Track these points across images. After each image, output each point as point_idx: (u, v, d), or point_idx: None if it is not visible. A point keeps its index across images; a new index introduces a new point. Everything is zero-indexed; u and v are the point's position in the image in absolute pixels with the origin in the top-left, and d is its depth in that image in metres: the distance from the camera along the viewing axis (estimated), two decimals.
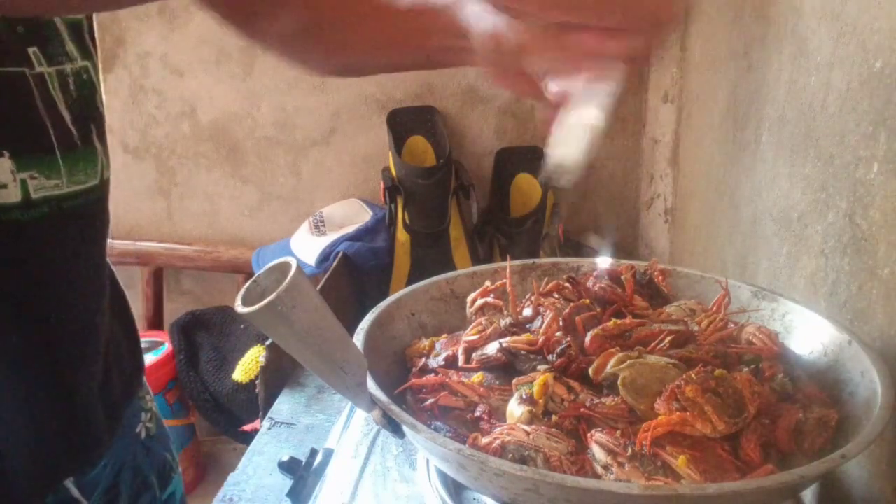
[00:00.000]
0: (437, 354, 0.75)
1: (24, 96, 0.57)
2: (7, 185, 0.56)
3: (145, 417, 0.79)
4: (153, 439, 0.80)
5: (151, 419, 0.80)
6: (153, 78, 1.92)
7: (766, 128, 1.06)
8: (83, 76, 0.62)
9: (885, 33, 0.73)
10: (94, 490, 0.69)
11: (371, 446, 0.80)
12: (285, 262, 0.52)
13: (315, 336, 0.55)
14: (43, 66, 0.58)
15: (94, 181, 0.63)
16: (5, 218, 0.56)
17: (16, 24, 0.57)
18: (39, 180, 0.58)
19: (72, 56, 0.61)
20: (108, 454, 0.71)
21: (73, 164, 0.60)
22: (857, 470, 0.77)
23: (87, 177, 0.62)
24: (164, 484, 0.81)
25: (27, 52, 0.57)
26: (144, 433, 0.79)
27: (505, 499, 0.58)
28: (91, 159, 0.63)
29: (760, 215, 1.07)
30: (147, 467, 0.78)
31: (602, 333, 0.70)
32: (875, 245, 0.75)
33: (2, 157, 0.55)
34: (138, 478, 0.76)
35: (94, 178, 0.63)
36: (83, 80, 0.62)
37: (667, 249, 1.68)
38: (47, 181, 0.58)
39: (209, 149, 1.97)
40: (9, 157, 0.55)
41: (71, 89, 0.61)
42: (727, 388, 0.61)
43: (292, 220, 1.93)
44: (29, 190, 0.57)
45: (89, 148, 0.63)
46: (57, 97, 0.59)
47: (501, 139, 1.87)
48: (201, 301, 2.09)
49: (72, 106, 0.60)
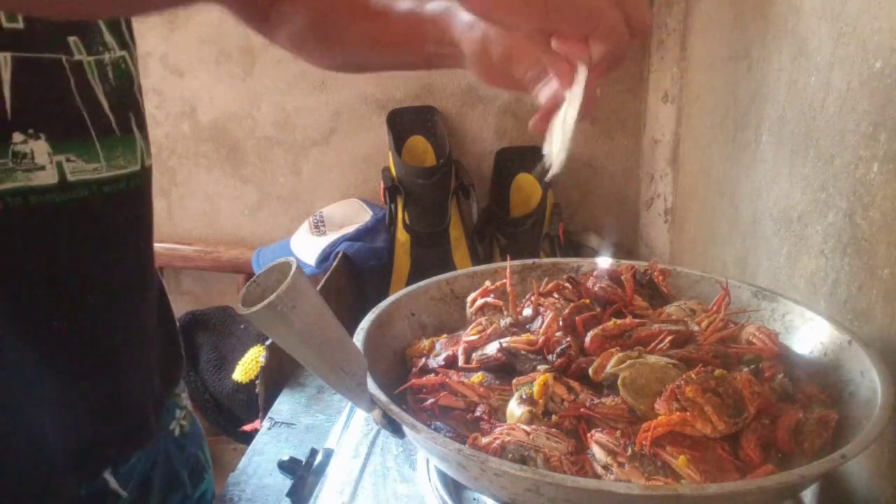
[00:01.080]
0: (437, 354, 0.75)
1: (59, 82, 0.58)
2: (45, 167, 0.57)
3: (180, 415, 0.80)
4: (187, 437, 0.81)
5: (186, 417, 0.81)
6: (153, 78, 1.92)
7: (766, 128, 1.06)
8: (121, 66, 0.64)
9: (885, 33, 0.73)
10: (128, 483, 0.70)
11: (371, 446, 0.80)
12: (285, 262, 0.52)
13: (315, 336, 0.55)
14: (82, 54, 0.60)
15: (134, 167, 0.65)
16: (42, 200, 0.57)
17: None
18: (77, 163, 0.59)
19: (110, 46, 0.63)
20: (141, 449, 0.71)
21: (111, 150, 0.62)
22: (857, 470, 0.77)
23: (128, 162, 0.64)
24: (195, 482, 0.81)
25: (67, 41, 0.59)
26: (178, 430, 0.79)
27: (505, 499, 0.58)
28: (130, 146, 0.65)
29: (760, 215, 1.07)
30: (180, 464, 0.79)
31: (602, 333, 0.70)
32: (875, 245, 0.75)
33: (39, 140, 0.56)
34: (170, 474, 0.77)
35: (134, 165, 0.65)
36: (121, 69, 0.64)
37: (667, 249, 1.68)
38: (86, 165, 0.60)
39: (209, 149, 1.97)
40: (45, 139, 0.57)
41: (110, 78, 0.63)
42: (727, 388, 0.61)
43: (292, 220, 1.93)
44: (66, 172, 0.58)
45: (128, 135, 0.65)
46: (95, 84, 0.61)
47: (501, 139, 1.87)
48: (201, 301, 2.09)
49: (110, 94, 0.62)
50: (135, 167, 0.65)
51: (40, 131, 0.57)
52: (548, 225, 1.73)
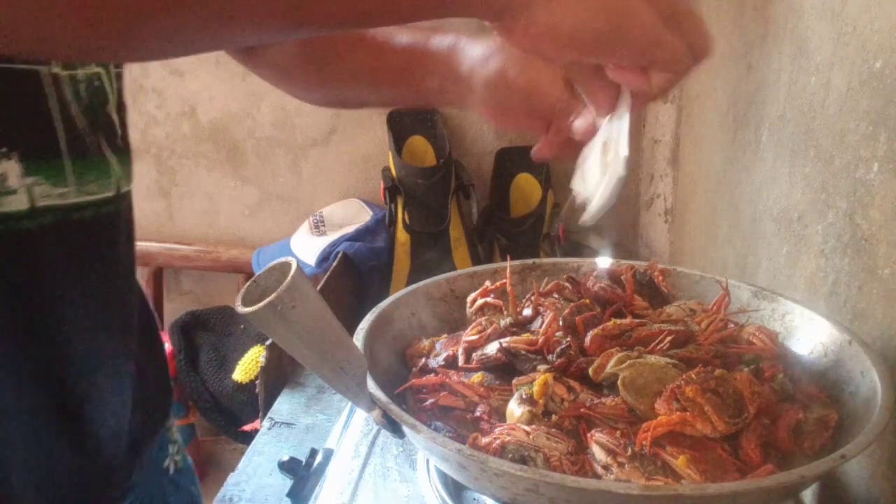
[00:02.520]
0: (437, 354, 0.75)
1: (37, 96, 0.53)
2: (17, 191, 0.52)
3: (172, 450, 0.75)
4: (181, 474, 0.76)
5: (178, 451, 0.76)
6: (153, 78, 1.92)
7: (766, 128, 1.05)
8: (94, 83, 0.59)
9: (885, 33, 0.73)
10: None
11: (371, 446, 0.80)
12: (285, 262, 0.52)
13: (315, 336, 0.55)
14: (58, 67, 0.54)
15: (107, 193, 0.59)
16: (15, 227, 0.52)
17: None
18: (44, 187, 0.53)
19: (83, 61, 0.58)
20: (134, 491, 0.67)
21: (82, 174, 0.57)
22: (857, 470, 0.77)
23: (101, 187, 0.58)
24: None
25: None
26: (173, 468, 0.75)
27: (505, 499, 0.58)
28: (103, 170, 0.59)
29: (760, 215, 1.07)
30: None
31: (602, 333, 0.70)
32: (875, 245, 0.75)
33: (10, 161, 0.51)
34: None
35: (107, 190, 0.59)
36: (94, 87, 0.59)
37: (667, 249, 1.68)
38: (52, 189, 0.54)
39: (209, 149, 1.97)
40: (17, 160, 0.52)
41: (82, 95, 0.57)
42: (727, 388, 0.61)
43: (292, 220, 1.93)
44: (35, 197, 0.53)
45: (100, 158, 0.59)
46: (70, 101, 0.56)
47: (501, 139, 1.87)
48: (201, 301, 2.09)
49: (85, 111, 0.57)
50: (108, 193, 0.59)
51: (13, 150, 0.51)
52: (548, 225, 1.73)
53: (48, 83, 0.54)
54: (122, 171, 0.61)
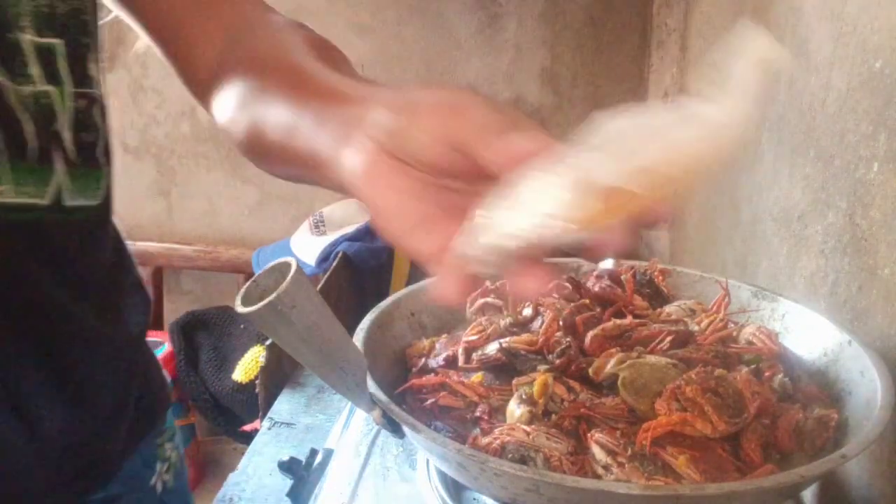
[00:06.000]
0: (437, 354, 0.75)
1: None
2: None
3: (161, 468, 0.72)
4: (171, 493, 0.73)
5: (169, 470, 0.73)
6: (153, 78, 1.92)
7: (766, 128, 1.05)
8: (41, 100, 0.57)
9: (885, 33, 0.73)
10: None
11: (371, 446, 0.80)
12: (285, 262, 0.52)
13: (315, 336, 0.55)
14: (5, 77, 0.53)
15: (44, 201, 0.57)
16: None
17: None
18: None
19: (32, 78, 0.56)
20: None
21: (22, 175, 0.55)
22: (857, 470, 0.77)
23: (38, 193, 0.56)
24: None
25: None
26: (161, 487, 0.72)
27: (505, 499, 0.58)
28: (43, 178, 0.57)
29: (760, 215, 1.07)
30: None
31: (602, 333, 0.70)
32: (875, 245, 0.75)
33: None
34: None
35: (43, 199, 0.57)
36: (41, 104, 0.57)
37: (667, 249, 1.68)
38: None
39: (209, 149, 1.97)
40: None
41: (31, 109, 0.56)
42: (727, 388, 0.61)
43: (292, 220, 1.93)
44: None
45: (45, 165, 0.57)
46: (16, 106, 0.54)
47: None
48: (201, 301, 2.09)
49: (31, 121, 0.55)
50: (44, 202, 0.57)
51: None
52: None
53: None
54: (71, 186, 0.59)
